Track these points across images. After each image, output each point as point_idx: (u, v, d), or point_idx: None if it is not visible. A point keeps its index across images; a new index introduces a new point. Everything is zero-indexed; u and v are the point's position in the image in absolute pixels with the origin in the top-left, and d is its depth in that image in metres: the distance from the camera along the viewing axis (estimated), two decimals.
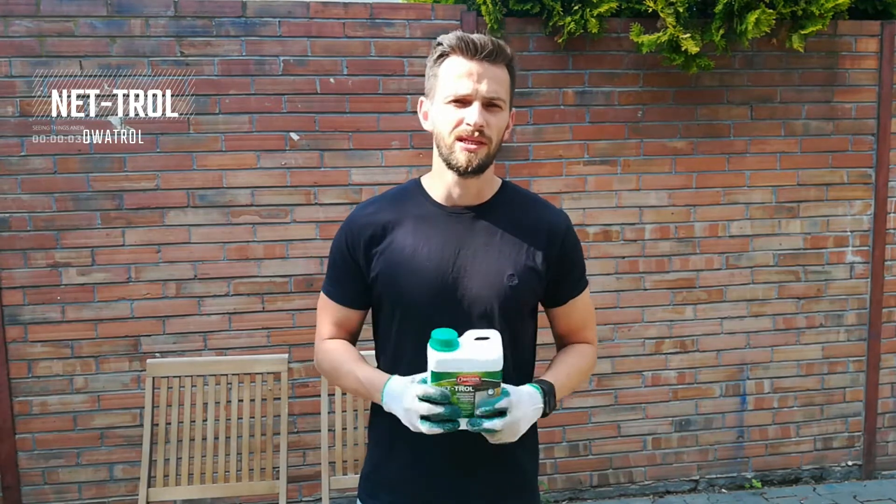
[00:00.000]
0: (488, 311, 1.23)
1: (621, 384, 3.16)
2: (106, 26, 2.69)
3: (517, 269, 1.24)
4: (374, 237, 1.29)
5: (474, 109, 1.17)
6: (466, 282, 1.23)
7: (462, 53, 1.17)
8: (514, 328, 1.27)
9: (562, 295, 1.33)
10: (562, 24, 2.84)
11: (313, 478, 2.93)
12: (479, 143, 1.18)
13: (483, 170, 1.22)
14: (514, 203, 1.31)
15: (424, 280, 1.24)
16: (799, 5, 2.78)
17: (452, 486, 1.27)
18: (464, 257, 1.25)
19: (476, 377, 1.08)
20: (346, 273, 1.33)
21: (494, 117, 1.19)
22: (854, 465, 3.39)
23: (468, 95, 1.17)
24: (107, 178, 2.75)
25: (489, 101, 1.18)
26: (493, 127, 1.19)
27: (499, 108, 1.20)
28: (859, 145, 3.22)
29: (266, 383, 2.33)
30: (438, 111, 1.21)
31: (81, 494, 2.85)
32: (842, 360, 3.31)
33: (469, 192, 1.27)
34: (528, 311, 1.31)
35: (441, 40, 1.20)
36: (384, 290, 1.28)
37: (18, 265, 2.73)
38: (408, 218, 1.29)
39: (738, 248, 3.18)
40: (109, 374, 2.82)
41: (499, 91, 1.19)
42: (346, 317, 1.36)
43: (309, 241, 2.88)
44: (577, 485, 3.19)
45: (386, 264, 1.27)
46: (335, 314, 1.37)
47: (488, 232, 1.27)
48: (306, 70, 2.82)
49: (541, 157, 3.00)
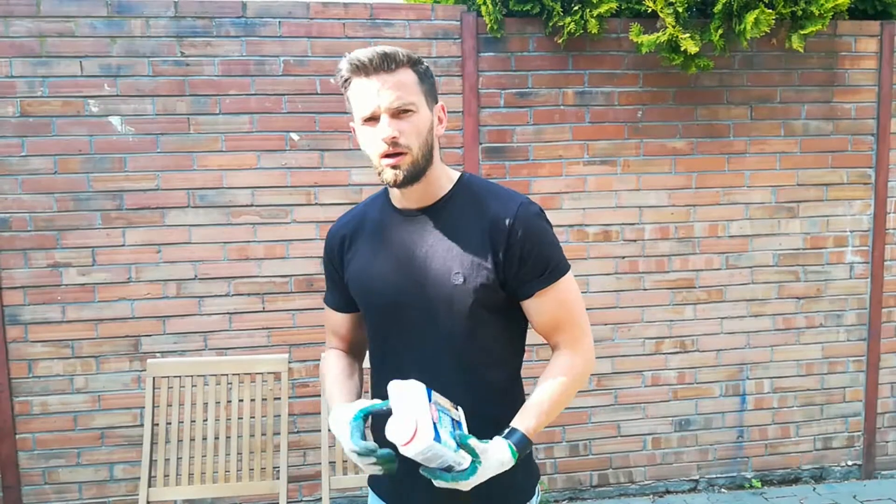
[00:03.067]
0: (442, 311, 1.23)
1: (621, 384, 3.16)
2: (106, 27, 2.70)
3: (463, 266, 1.22)
4: (344, 244, 1.36)
5: (383, 124, 1.17)
6: (421, 283, 1.24)
7: (358, 73, 1.18)
8: (473, 327, 1.24)
9: (525, 287, 1.26)
10: (562, 25, 2.84)
11: (313, 478, 2.93)
12: (399, 155, 1.18)
13: (416, 178, 1.21)
14: (466, 199, 1.28)
15: (380, 284, 1.27)
16: (798, 5, 2.78)
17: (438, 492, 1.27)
18: (416, 259, 1.25)
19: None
20: (333, 281, 1.41)
21: (408, 123, 1.18)
22: (854, 465, 3.39)
23: (374, 112, 1.17)
24: (107, 178, 2.75)
25: (395, 110, 1.17)
26: (409, 133, 1.18)
27: (411, 112, 1.19)
28: (859, 145, 3.22)
29: (266, 383, 2.34)
30: (360, 135, 1.23)
31: (82, 494, 2.85)
32: (841, 360, 3.32)
33: (414, 197, 1.27)
34: (490, 311, 1.25)
35: (339, 67, 1.21)
36: (354, 296, 1.35)
37: (19, 265, 2.73)
38: (369, 224, 1.34)
39: (737, 248, 3.18)
40: (110, 374, 2.82)
41: (402, 96, 1.17)
42: (340, 322, 1.44)
43: (309, 241, 2.87)
44: (577, 485, 3.19)
45: (352, 270, 1.33)
46: (333, 321, 1.45)
47: (438, 232, 1.26)
48: (306, 70, 2.82)
49: (541, 157, 3.00)
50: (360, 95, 1.19)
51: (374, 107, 1.17)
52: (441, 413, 1.09)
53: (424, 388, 1.09)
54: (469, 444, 1.10)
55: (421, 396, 1.07)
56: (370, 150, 1.20)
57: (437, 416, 1.07)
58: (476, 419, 1.20)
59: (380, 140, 1.17)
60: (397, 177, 1.18)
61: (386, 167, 1.18)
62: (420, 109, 1.20)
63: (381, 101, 1.16)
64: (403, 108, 1.18)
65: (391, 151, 1.17)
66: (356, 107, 1.20)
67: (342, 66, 1.20)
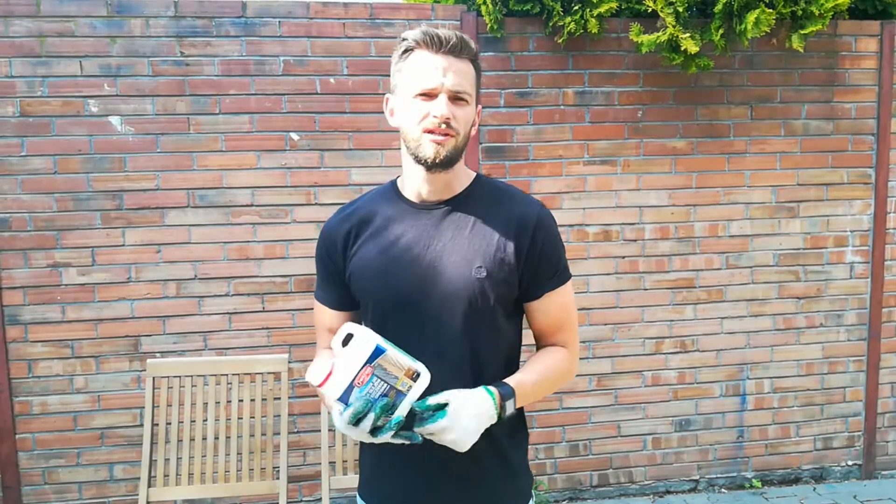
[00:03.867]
0: (458, 305, 1.21)
1: (621, 384, 3.16)
2: (106, 26, 2.70)
3: (486, 260, 1.22)
4: (349, 238, 1.31)
5: (441, 102, 1.17)
6: (436, 277, 1.22)
7: (427, 48, 1.17)
8: (487, 324, 1.24)
9: (536, 288, 1.28)
10: (562, 25, 2.84)
11: (313, 478, 2.93)
12: (446, 135, 1.18)
13: (451, 163, 1.22)
14: (485, 195, 1.29)
15: (394, 278, 1.24)
16: (799, 5, 2.78)
17: (441, 495, 1.27)
18: (433, 252, 1.24)
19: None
20: (328, 277, 1.36)
21: (461, 110, 1.19)
22: (854, 465, 3.39)
23: (434, 89, 1.17)
24: (107, 178, 2.75)
25: (455, 94, 1.18)
26: (460, 119, 1.19)
27: (465, 102, 1.20)
28: (859, 145, 3.22)
29: (266, 383, 2.34)
30: (405, 106, 1.21)
31: (82, 494, 2.85)
32: (842, 359, 3.32)
33: (438, 187, 1.27)
34: (504, 308, 1.26)
35: (406, 35, 1.20)
36: (357, 291, 1.30)
37: (19, 265, 2.73)
38: (379, 217, 1.30)
39: (738, 248, 3.18)
40: (110, 374, 2.82)
41: (464, 84, 1.19)
42: (334, 319, 1.38)
43: (309, 241, 2.88)
44: (577, 485, 3.19)
45: (357, 265, 1.29)
46: (325, 318, 1.39)
47: (458, 225, 1.26)
48: (306, 70, 2.82)
49: (541, 157, 3.00)
50: (421, 68, 1.18)
51: (438, 83, 1.17)
52: (375, 377, 1.09)
53: (375, 346, 1.09)
54: (428, 404, 1.11)
55: (360, 355, 1.09)
56: (412, 123, 1.19)
57: (367, 380, 1.09)
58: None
59: (432, 116, 1.17)
60: (438, 153, 1.18)
61: (429, 141, 1.18)
62: (471, 103, 1.22)
63: (446, 81, 1.17)
64: (461, 95, 1.19)
65: (442, 130, 1.17)
66: (412, 78, 1.19)
67: (410, 34, 1.19)
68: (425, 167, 1.21)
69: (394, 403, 1.09)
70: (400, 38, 1.21)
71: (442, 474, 1.25)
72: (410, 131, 1.20)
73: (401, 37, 1.21)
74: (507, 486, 1.31)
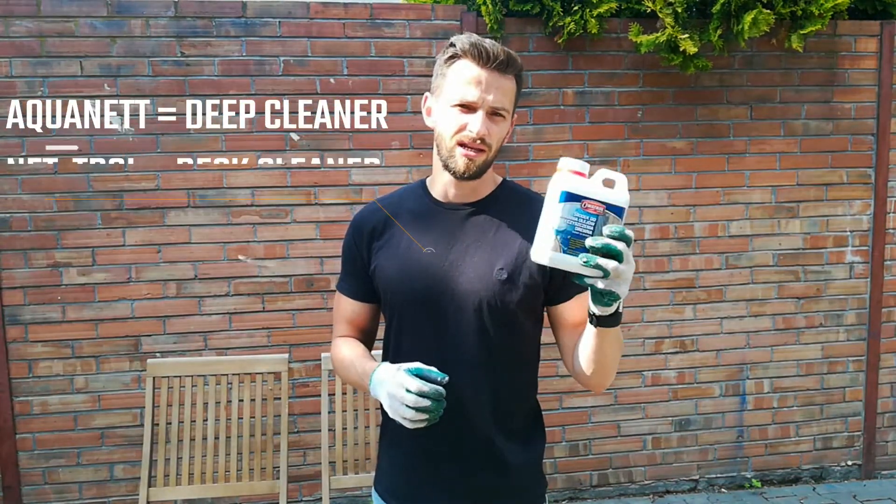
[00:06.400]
0: (478, 304, 1.22)
1: (621, 384, 3.16)
2: (106, 27, 2.70)
3: (507, 263, 1.23)
4: (375, 232, 1.33)
5: (478, 118, 1.18)
6: (457, 276, 1.24)
7: (473, 59, 1.18)
8: (508, 325, 1.25)
9: (563, 292, 1.27)
10: (562, 25, 2.84)
11: (313, 478, 2.93)
12: (479, 151, 1.20)
13: (480, 175, 1.24)
14: (511, 200, 1.32)
15: (416, 274, 1.26)
16: (798, 5, 2.79)
17: (452, 487, 1.27)
18: (456, 252, 1.25)
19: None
20: (354, 268, 1.37)
21: (497, 126, 1.21)
22: (854, 465, 3.39)
23: (474, 103, 1.18)
24: (107, 178, 2.75)
25: (494, 110, 1.19)
26: (495, 136, 1.21)
27: (502, 118, 1.21)
28: (859, 145, 3.22)
29: (266, 383, 2.34)
30: (443, 112, 1.22)
31: (82, 494, 2.85)
32: (841, 359, 3.32)
33: (465, 192, 1.29)
34: (525, 310, 1.26)
35: (454, 41, 1.20)
36: (380, 284, 1.32)
37: (19, 265, 2.73)
38: (406, 214, 1.32)
39: (737, 248, 3.18)
40: (110, 374, 2.82)
41: (504, 102, 1.20)
42: (356, 311, 1.39)
43: (309, 241, 2.88)
44: (577, 485, 3.19)
45: (382, 258, 1.31)
46: (347, 309, 1.40)
47: (482, 228, 1.27)
48: (306, 70, 2.82)
49: (541, 157, 3.00)
50: (464, 79, 1.18)
51: (479, 98, 1.18)
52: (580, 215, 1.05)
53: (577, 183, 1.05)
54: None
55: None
56: (447, 131, 1.21)
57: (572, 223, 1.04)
58: (496, 415, 1.25)
59: (468, 130, 1.18)
60: (469, 168, 1.21)
61: (461, 155, 1.20)
62: (507, 118, 1.23)
63: (487, 97, 1.18)
64: (500, 111, 1.20)
65: (476, 146, 1.19)
66: (454, 86, 1.19)
67: (460, 41, 1.19)
68: (455, 177, 1.24)
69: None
70: (448, 41, 1.22)
71: (476, 460, 1.27)
72: (445, 139, 1.22)
73: (449, 41, 1.22)
74: (522, 488, 1.33)
